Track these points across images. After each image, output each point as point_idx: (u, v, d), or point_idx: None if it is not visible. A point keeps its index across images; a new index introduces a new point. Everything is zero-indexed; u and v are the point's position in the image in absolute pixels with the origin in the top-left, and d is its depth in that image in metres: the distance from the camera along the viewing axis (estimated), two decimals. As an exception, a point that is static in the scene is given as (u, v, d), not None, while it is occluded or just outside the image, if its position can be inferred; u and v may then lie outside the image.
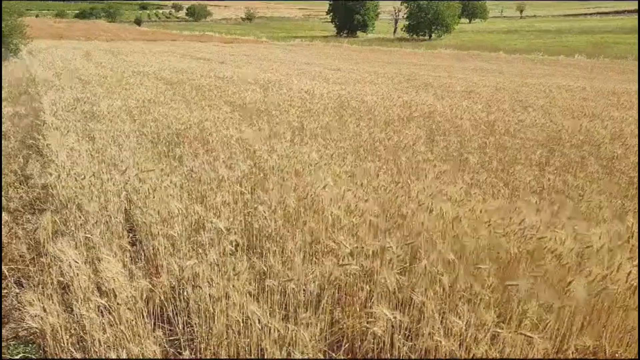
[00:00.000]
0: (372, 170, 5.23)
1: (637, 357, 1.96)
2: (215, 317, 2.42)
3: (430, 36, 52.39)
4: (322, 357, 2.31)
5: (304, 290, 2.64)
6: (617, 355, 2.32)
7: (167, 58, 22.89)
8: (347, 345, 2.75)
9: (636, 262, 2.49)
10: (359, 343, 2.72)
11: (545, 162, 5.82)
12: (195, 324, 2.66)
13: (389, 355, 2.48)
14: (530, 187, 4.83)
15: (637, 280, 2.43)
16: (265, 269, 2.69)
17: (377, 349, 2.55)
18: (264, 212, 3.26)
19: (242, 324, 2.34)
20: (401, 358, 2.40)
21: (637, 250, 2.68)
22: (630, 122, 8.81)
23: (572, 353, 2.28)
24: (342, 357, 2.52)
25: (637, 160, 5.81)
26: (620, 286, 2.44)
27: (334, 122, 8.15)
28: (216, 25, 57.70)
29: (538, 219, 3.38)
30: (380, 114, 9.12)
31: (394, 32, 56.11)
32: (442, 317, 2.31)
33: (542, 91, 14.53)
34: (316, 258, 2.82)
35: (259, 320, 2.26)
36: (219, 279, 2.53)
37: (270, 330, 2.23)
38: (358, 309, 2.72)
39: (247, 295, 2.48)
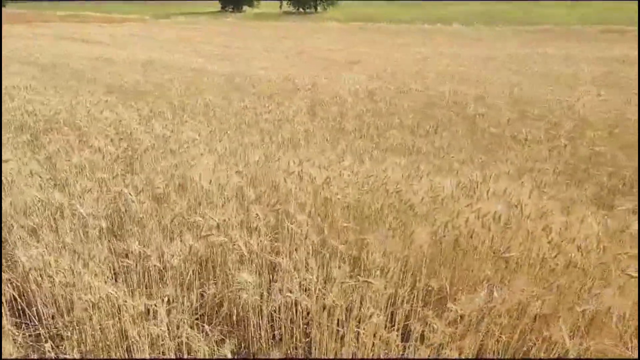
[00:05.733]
0: (252, 144, 5.26)
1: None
2: (74, 304, 2.35)
3: (316, 9, 52.63)
4: (190, 329, 2.31)
5: (171, 266, 2.63)
6: (457, 292, 2.57)
7: (39, 41, 21.02)
8: (222, 315, 2.80)
9: (474, 209, 2.75)
10: (232, 310, 2.78)
11: (417, 124, 6.16)
12: (55, 314, 2.57)
13: (258, 318, 2.57)
14: (399, 149, 5.12)
15: (475, 225, 2.69)
16: (127, 250, 2.64)
17: (247, 314, 2.62)
18: (130, 194, 3.18)
19: (102, 307, 2.30)
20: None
21: (476, 198, 2.95)
22: (498, 85, 9.53)
23: (418, 293, 2.50)
24: (213, 327, 2.55)
25: (498, 118, 6.33)
26: (461, 231, 2.69)
27: (217, 99, 8.04)
28: (93, 5, 53.72)
29: (400, 176, 3.61)
30: (265, 89, 9.13)
31: (280, 6, 55.65)
32: (299, 275, 2.42)
33: (422, 59, 15.26)
34: (181, 234, 2.81)
35: (118, 300, 2.23)
36: (77, 265, 2.44)
37: (128, 309, 2.21)
38: (229, 278, 2.76)
39: (106, 277, 2.43)
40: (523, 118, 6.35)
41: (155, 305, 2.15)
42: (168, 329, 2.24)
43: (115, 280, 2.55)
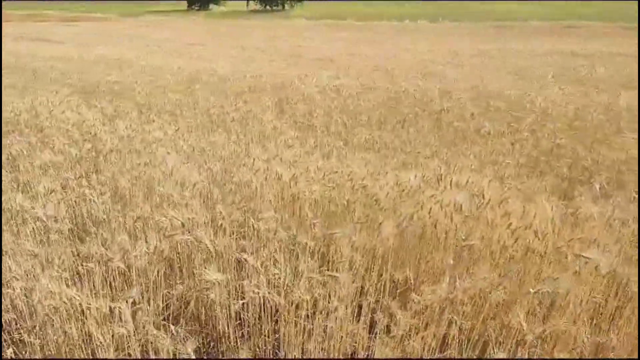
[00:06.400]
0: (220, 142, 5.23)
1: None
2: (36, 309, 2.30)
3: (283, 7, 52.60)
4: (156, 330, 2.29)
5: (136, 267, 2.60)
6: (421, 282, 2.62)
7: (-3, 42, 20.37)
8: (189, 315, 2.78)
9: (438, 200, 2.80)
10: (200, 310, 2.77)
11: (384, 120, 6.22)
12: (18, 319, 2.52)
13: (226, 317, 2.56)
14: (366, 145, 5.16)
15: (439, 216, 2.74)
16: (91, 253, 2.60)
17: (214, 313, 2.62)
18: (91, 195, 3.13)
19: (65, 311, 2.26)
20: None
21: (440, 191, 3.01)
22: (463, 80, 9.68)
23: (384, 285, 2.54)
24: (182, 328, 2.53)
25: (461, 113, 6.43)
26: (426, 222, 2.75)
27: (184, 98, 7.97)
28: (53, 4, 52.33)
29: (366, 171, 3.64)
30: (232, 87, 9.07)
31: (247, 4, 55.37)
32: (267, 271, 2.43)
33: (389, 55, 15.41)
34: (145, 234, 2.78)
35: (82, 304, 2.20)
36: (38, 269, 2.40)
37: (91, 311, 2.17)
38: (195, 277, 2.75)
39: (69, 280, 2.40)
40: (487, 112, 6.48)
41: (120, 308, 2.13)
42: (134, 331, 2.22)
43: (80, 283, 2.51)
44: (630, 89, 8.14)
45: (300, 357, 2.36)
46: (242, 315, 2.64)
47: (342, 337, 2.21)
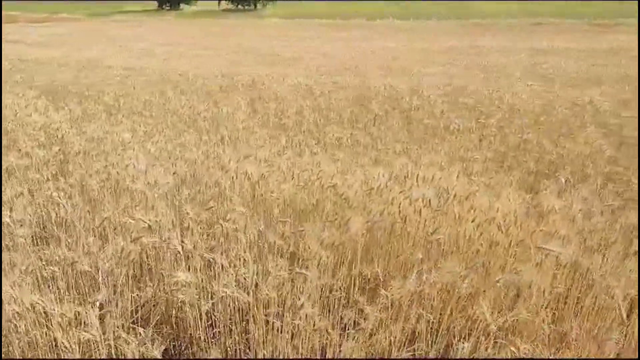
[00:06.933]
0: (190, 142, 5.19)
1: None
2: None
3: (255, 6, 52.39)
4: (124, 334, 2.27)
5: (104, 270, 2.57)
6: (390, 276, 2.64)
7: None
8: (158, 317, 2.76)
9: (407, 196, 2.84)
10: (170, 312, 2.75)
11: (355, 119, 6.26)
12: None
13: (196, 318, 2.55)
14: (338, 143, 5.18)
15: (407, 211, 2.78)
16: (57, 257, 2.55)
17: (184, 315, 2.60)
18: (59, 198, 3.08)
19: (29, 317, 2.22)
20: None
21: (408, 187, 3.04)
22: (432, 77, 9.80)
23: (353, 281, 2.56)
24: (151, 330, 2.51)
25: (432, 110, 6.51)
26: (396, 218, 2.78)
27: (154, 98, 7.88)
28: (20, 4, 51.01)
29: (335, 169, 3.66)
30: (203, 86, 9.02)
31: (219, 3, 54.95)
32: (236, 271, 2.42)
33: (362, 53, 15.50)
34: (112, 237, 2.75)
35: (46, 309, 2.16)
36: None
37: (57, 316, 2.14)
38: (164, 279, 2.73)
39: (34, 285, 2.35)
40: (457, 109, 6.56)
41: (86, 312, 2.10)
42: (101, 335, 2.19)
43: (47, 287, 2.47)
44: (595, 85, 8.37)
45: (270, 356, 2.36)
46: (212, 316, 2.63)
47: (310, 333, 2.22)
